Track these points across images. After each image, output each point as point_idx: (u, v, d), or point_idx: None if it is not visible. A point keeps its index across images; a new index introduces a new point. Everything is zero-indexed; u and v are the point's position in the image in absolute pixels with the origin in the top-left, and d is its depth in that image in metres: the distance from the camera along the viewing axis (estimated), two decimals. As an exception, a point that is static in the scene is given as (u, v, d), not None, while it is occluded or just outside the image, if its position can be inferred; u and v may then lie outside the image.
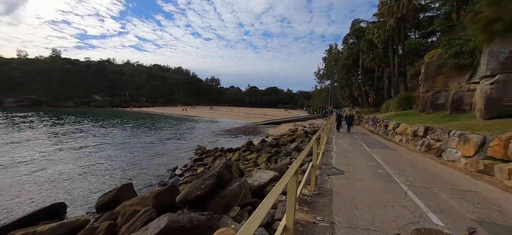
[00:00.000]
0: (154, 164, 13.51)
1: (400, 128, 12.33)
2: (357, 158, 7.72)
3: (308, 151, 3.88)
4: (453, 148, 7.28)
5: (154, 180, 10.70)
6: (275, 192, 1.59)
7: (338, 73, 45.60)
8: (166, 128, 31.76)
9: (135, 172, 11.86)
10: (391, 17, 22.60)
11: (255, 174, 7.17)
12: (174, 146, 19.02)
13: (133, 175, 11.37)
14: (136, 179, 10.71)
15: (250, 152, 14.38)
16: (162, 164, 13.48)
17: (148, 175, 11.40)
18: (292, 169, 2.02)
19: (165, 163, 13.72)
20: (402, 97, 20.51)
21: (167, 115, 56.24)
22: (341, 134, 15.49)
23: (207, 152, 15.75)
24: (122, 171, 12.09)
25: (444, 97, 13.83)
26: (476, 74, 11.58)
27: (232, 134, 27.47)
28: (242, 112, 75.98)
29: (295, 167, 2.07)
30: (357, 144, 11.13)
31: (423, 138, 9.36)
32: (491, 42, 9.66)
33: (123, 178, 10.92)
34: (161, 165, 13.25)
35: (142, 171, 12.13)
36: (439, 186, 4.88)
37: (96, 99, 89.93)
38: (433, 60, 14.99)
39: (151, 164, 13.53)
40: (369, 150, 9.28)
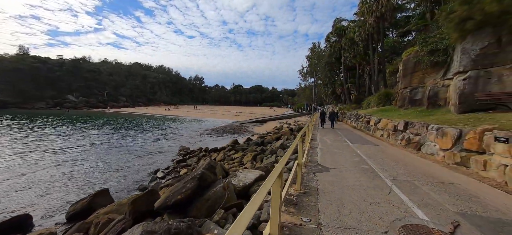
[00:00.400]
0: (134, 167, 12.80)
1: (381, 123, 12.69)
2: (341, 154, 7.75)
3: (293, 150, 3.71)
4: (431, 142, 7.54)
5: (134, 184, 10.09)
6: (259, 195, 1.39)
7: (321, 71, 46.49)
8: (147, 129, 30.50)
9: (113, 177, 11.13)
10: (370, 16, 23.30)
11: (240, 174, 6.95)
12: (156, 147, 18.23)
13: (111, 180, 10.66)
14: (114, 184, 10.06)
15: (235, 151, 14.11)
16: (143, 167, 12.81)
17: (127, 180, 10.75)
18: (276, 171, 1.82)
19: (146, 166, 13.05)
20: (382, 93, 21.25)
21: (148, 116, 54.18)
22: (326, 131, 15.70)
23: (191, 152, 15.25)
24: (99, 175, 11.30)
25: (421, 93, 14.46)
26: (450, 71, 12.19)
27: (217, 134, 26.97)
28: (227, 111, 75.21)
29: (279, 169, 1.88)
30: (341, 140, 11.28)
31: (403, 133, 9.66)
32: (464, 40, 10.17)
33: (99, 183, 10.20)
34: (141, 168, 12.58)
35: (121, 175, 11.42)
36: (420, 180, 4.95)
37: (70, 100, 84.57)
38: (410, 57, 15.61)
39: (131, 167, 12.81)
40: (352, 146, 9.40)
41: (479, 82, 9.24)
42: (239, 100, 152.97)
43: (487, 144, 5.22)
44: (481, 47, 9.41)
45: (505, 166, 4.66)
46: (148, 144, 19.55)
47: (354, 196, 3.96)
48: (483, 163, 5.21)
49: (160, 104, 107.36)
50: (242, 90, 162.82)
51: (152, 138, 22.61)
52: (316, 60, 54.71)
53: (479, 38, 9.53)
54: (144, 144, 19.52)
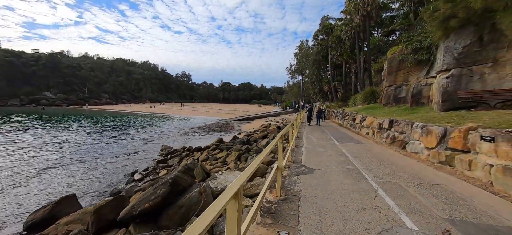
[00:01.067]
0: (110, 168, 11.97)
1: (366, 121, 12.64)
2: (327, 153, 7.48)
3: (269, 151, 3.29)
4: (416, 140, 7.43)
5: (107, 188, 9.35)
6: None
7: (308, 68, 46.67)
8: (130, 127, 29.17)
9: (86, 179, 10.30)
10: (357, 14, 23.40)
11: (220, 177, 6.49)
12: (136, 147, 17.32)
13: (82, 183, 9.84)
14: (85, 188, 9.27)
15: (219, 150, 13.60)
16: (120, 168, 12.02)
17: (101, 182, 9.97)
18: (230, 190, 1.36)
19: (124, 167, 12.26)
20: (368, 91, 21.44)
21: (132, 113, 52.15)
22: (312, 128, 15.52)
23: (173, 152, 14.56)
24: (71, 178, 10.41)
25: (405, 91, 14.60)
26: (433, 69, 12.31)
27: (203, 132, 26.25)
28: (215, 109, 74.14)
29: (234, 188, 1.40)
30: (327, 138, 11.08)
31: (388, 131, 9.58)
32: (447, 38, 10.22)
33: (69, 187, 9.37)
34: (118, 170, 11.78)
35: (94, 177, 10.59)
36: (406, 181, 4.73)
37: (47, 97, 79.98)
38: (395, 55, 15.72)
39: (107, 168, 11.96)
40: (338, 145, 9.19)
41: (461, 80, 9.29)
42: (227, 97, 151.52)
43: (472, 143, 5.09)
44: (464, 45, 9.47)
45: (490, 165, 4.52)
46: (129, 143, 18.56)
47: (338, 202, 3.63)
48: (468, 163, 5.08)
49: (145, 102, 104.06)
50: (230, 88, 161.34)
51: (133, 137, 21.54)
52: (304, 58, 54.88)
53: (462, 36, 9.58)
54: (124, 143, 18.51)
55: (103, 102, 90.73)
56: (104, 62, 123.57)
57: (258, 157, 2.59)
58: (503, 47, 8.65)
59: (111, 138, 20.31)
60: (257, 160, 2.42)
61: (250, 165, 2.17)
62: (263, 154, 2.87)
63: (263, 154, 2.86)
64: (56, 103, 78.92)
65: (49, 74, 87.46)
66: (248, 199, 5.25)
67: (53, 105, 76.14)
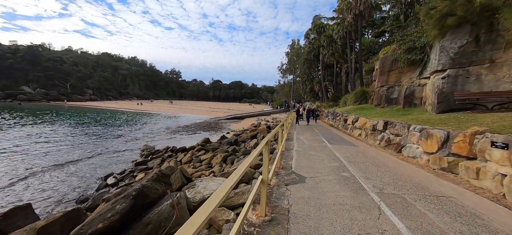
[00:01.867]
0: (83, 171, 10.85)
1: (359, 122, 12.18)
2: (319, 157, 6.85)
3: (257, 154, 2.57)
4: (413, 144, 6.94)
5: (74, 194, 8.31)
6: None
7: (300, 68, 46.38)
8: (111, 125, 27.59)
9: (51, 184, 9.17)
10: (349, 13, 23.09)
11: (200, 184, 5.69)
12: (116, 147, 16.12)
13: (46, 189, 8.72)
14: (48, 196, 8.17)
15: (205, 151, 12.75)
16: (93, 171, 10.92)
17: (68, 188, 8.89)
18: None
19: (99, 169, 11.17)
20: (359, 92, 21.18)
21: (116, 110, 49.96)
22: (303, 129, 14.95)
23: (155, 153, 13.55)
24: (35, 182, 9.24)
25: (397, 92, 14.30)
26: (426, 70, 12.02)
27: (190, 131, 25.20)
28: (204, 107, 72.68)
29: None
30: (319, 140, 10.49)
31: (382, 133, 9.09)
32: (443, 37, 9.87)
33: (29, 193, 8.24)
34: (91, 172, 10.68)
35: (61, 182, 9.47)
36: (411, 192, 4.14)
37: (25, 91, 75.41)
38: (388, 55, 15.42)
39: (79, 171, 10.83)
40: (330, 147, 8.60)
41: (458, 81, 8.95)
42: (218, 95, 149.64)
43: (480, 149, 4.57)
44: (460, 45, 9.13)
45: (503, 175, 4.01)
46: (108, 142, 17.29)
47: (336, 224, 2.95)
48: (475, 171, 4.56)
49: (132, 99, 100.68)
50: (221, 86, 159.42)
51: (114, 136, 20.21)
52: (295, 57, 54.60)
53: (458, 35, 9.24)
54: (102, 142, 17.22)
55: (86, 98, 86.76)
56: (89, 56, 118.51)
57: (243, 164, 1.89)
58: (500, 48, 8.35)
59: (88, 137, 18.90)
60: (242, 167, 1.76)
61: (230, 177, 1.53)
62: (248, 160, 2.16)
63: (249, 160, 2.15)
64: (35, 98, 74.55)
65: (28, 67, 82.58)
66: (230, 212, 4.51)
67: (32, 100, 71.87)
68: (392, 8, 34.06)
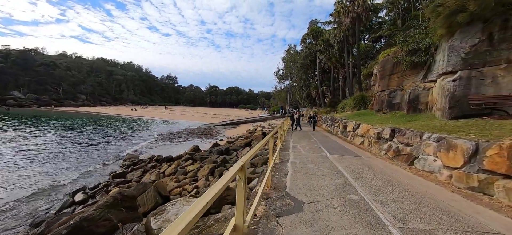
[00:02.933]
0: (50, 184, 9.57)
1: (361, 129, 11.19)
2: (319, 172, 5.78)
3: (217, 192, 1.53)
4: (429, 156, 5.92)
5: (28, 215, 7.05)
6: None
7: (296, 73, 45.71)
8: (99, 131, 26.18)
9: (13, 200, 7.90)
10: (347, 16, 22.44)
11: (171, 209, 4.58)
12: (98, 154, 14.85)
13: (6, 204, 7.46)
14: (4, 213, 6.92)
15: (192, 161, 11.59)
16: (63, 183, 9.67)
17: (27, 206, 7.63)
18: None
19: (71, 182, 9.92)
20: (358, 97, 20.34)
21: (108, 116, 48.46)
22: (299, 137, 13.91)
23: (138, 162, 12.34)
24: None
25: (399, 96, 13.42)
26: (432, 72, 11.16)
27: (181, 138, 23.97)
28: (200, 112, 71.47)
29: None
30: (317, 149, 9.44)
31: (389, 142, 8.08)
32: (451, 36, 9.02)
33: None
34: (60, 186, 9.43)
35: (24, 197, 8.20)
36: (444, 227, 3.08)
37: (15, 96, 73.35)
38: (389, 58, 14.61)
39: (46, 183, 9.56)
40: (331, 158, 7.55)
41: (471, 83, 8.04)
42: (214, 101, 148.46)
43: (528, 166, 3.56)
44: (471, 44, 8.27)
45: None
46: (90, 150, 15.98)
47: None
48: (522, 195, 3.53)
49: (126, 104, 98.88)
50: (218, 91, 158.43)
51: (99, 143, 18.90)
52: (292, 63, 54.04)
53: (469, 34, 8.39)
54: (83, 150, 15.90)
55: (79, 103, 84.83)
56: (83, 61, 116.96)
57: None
58: (517, 47, 7.51)
59: (68, 145, 17.54)
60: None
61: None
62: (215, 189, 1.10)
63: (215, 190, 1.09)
64: (26, 103, 72.57)
65: (19, 72, 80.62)
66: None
67: (22, 105, 69.89)
68: (389, 13, 33.78)
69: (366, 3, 21.17)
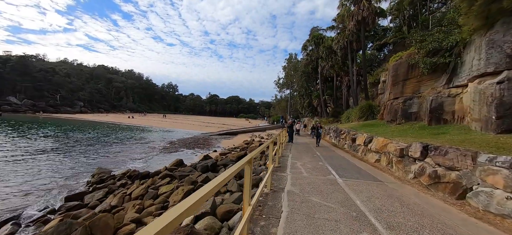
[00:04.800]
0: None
1: (375, 143, 9.21)
2: (329, 214, 3.81)
3: None
4: (494, 189, 3.94)
5: None
6: None
7: (297, 81, 44.09)
8: (82, 139, 24.19)
9: None
10: (351, 20, 20.90)
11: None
12: (64, 167, 12.84)
13: None
14: None
15: (170, 179, 9.58)
16: (3, 204, 7.68)
17: None
18: None
19: (12, 202, 7.93)
20: (365, 106, 18.45)
21: (101, 123, 46.65)
22: (300, 151, 11.93)
23: (106, 179, 10.33)
24: None
25: (417, 105, 11.50)
26: (459, 75, 9.31)
27: (172, 149, 21.96)
28: (198, 121, 69.69)
29: None
30: (323, 169, 7.45)
31: (420, 162, 6.09)
32: (489, 29, 7.22)
33: None
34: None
35: None
36: None
37: (11, 102, 72.02)
38: (402, 62, 12.80)
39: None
40: (343, 184, 5.57)
41: (525, 86, 6.16)
42: (214, 110, 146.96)
43: None
44: (520, 37, 6.45)
45: None
46: (60, 162, 13.97)
47: None
48: None
49: (124, 112, 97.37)
50: (218, 100, 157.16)
51: (76, 153, 16.95)
52: (293, 71, 52.58)
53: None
54: (53, 161, 13.91)
55: (76, 110, 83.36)
56: (83, 68, 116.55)
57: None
58: None
59: (38, 155, 15.55)
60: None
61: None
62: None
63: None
64: (21, 109, 71.15)
65: (17, 77, 79.63)
66: None
67: (17, 111, 68.52)
68: (394, 20, 32.40)
69: (372, 6, 19.66)
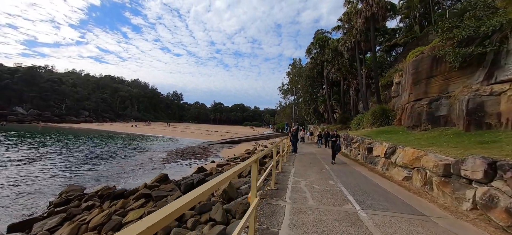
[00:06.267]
0: None
1: (401, 155, 7.25)
2: None
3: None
4: None
5: None
6: None
7: (301, 87, 42.27)
8: (72, 148, 22.83)
9: None
10: (359, 17, 19.17)
11: None
12: (31, 182, 11.26)
13: None
14: None
15: (145, 200, 7.84)
16: None
17: None
18: None
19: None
20: (377, 110, 16.45)
21: (102, 132, 45.73)
22: (305, 164, 10.04)
23: (72, 200, 8.66)
24: None
25: (446, 106, 9.51)
26: (505, 67, 7.38)
27: (166, 160, 20.29)
28: (202, 130, 68.34)
29: None
30: (335, 192, 5.56)
31: (483, 187, 4.14)
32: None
33: None
34: None
35: None
36: None
37: (17, 112, 72.63)
38: (424, 57, 10.90)
39: None
40: (368, 221, 3.70)
41: None
42: (219, 118, 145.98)
43: None
44: None
45: None
46: (30, 173, 12.44)
47: None
48: None
49: (129, 121, 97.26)
50: (223, 108, 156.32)
51: (54, 163, 15.53)
52: (297, 77, 50.89)
53: None
54: (22, 172, 12.38)
55: (81, 119, 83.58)
56: (90, 78, 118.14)
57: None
58: None
59: (10, 166, 14.09)
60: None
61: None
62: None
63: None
64: (27, 119, 71.63)
65: (24, 88, 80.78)
66: None
67: (22, 121, 68.94)
68: (404, 19, 30.50)
69: (382, 0, 17.92)
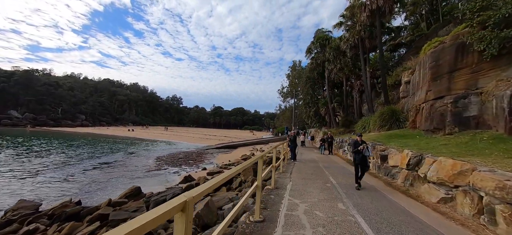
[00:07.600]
0: None
1: (436, 169, 5.50)
2: None
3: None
4: None
5: None
6: None
7: (302, 89, 40.64)
8: (55, 153, 21.12)
9: None
10: (363, 11, 17.62)
11: None
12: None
13: None
14: None
15: (100, 223, 6.12)
16: None
17: None
18: None
19: None
20: (386, 112, 14.74)
21: (95, 135, 44.04)
22: (305, 176, 8.33)
23: (15, 220, 6.96)
24: None
25: (477, 105, 7.82)
26: None
27: (154, 167, 18.54)
28: (200, 133, 66.72)
29: None
30: (349, 226, 3.86)
31: None
32: None
33: None
34: None
35: None
36: None
37: (11, 116, 71.12)
38: (446, 46, 9.24)
39: None
40: None
41: None
42: (218, 122, 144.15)
43: None
44: None
45: None
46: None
47: None
48: None
49: (126, 124, 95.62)
50: (222, 112, 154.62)
51: (25, 168, 13.82)
52: (297, 79, 49.35)
53: None
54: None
55: (77, 123, 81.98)
56: (88, 81, 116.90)
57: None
58: None
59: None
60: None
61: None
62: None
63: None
64: (22, 123, 70.08)
65: (20, 91, 79.47)
66: None
67: (17, 125, 67.42)
68: (410, 16, 29.01)
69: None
